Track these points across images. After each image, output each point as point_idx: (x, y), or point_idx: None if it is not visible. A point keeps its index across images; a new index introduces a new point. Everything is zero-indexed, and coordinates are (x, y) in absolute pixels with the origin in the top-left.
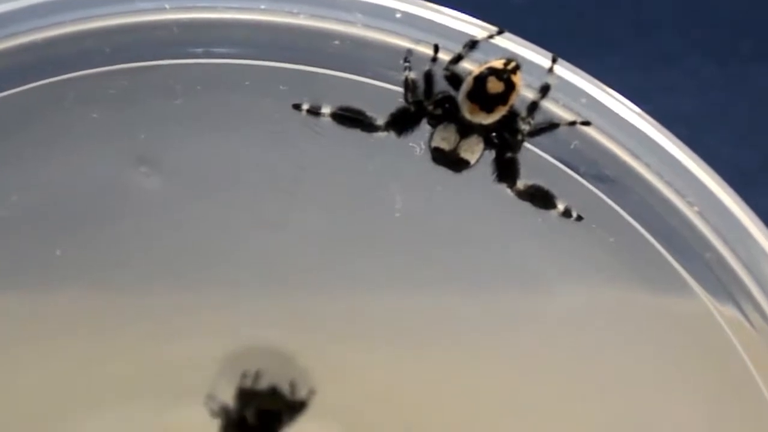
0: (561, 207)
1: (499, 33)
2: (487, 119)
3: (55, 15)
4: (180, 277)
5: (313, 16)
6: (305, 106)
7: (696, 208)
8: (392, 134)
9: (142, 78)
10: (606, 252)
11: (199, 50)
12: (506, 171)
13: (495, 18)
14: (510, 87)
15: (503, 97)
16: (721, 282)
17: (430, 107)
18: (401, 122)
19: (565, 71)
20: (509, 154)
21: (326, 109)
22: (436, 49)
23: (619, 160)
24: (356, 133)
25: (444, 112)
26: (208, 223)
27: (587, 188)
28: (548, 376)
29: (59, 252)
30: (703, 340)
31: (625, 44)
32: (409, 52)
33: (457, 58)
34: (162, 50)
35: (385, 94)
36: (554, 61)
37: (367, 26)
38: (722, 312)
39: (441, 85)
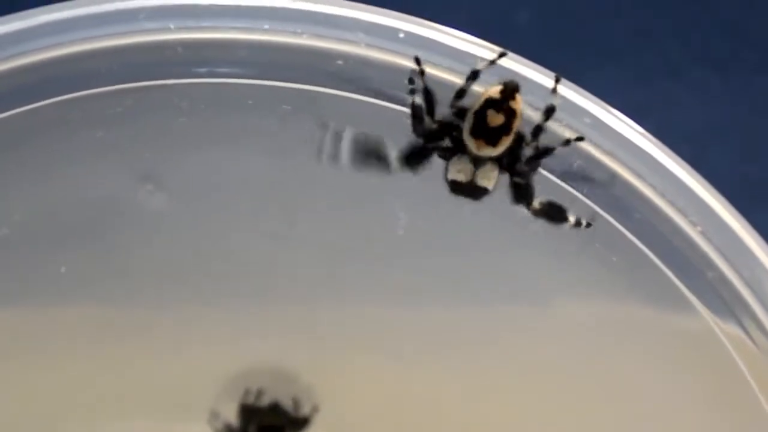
0: (572, 219)
1: (501, 56)
2: (495, 151)
3: (59, 35)
4: (183, 292)
5: (316, 35)
6: (324, 155)
7: (699, 228)
8: (395, 151)
9: (147, 97)
10: (608, 270)
11: (204, 70)
12: (521, 193)
13: (496, 34)
14: (511, 115)
15: (506, 127)
16: (723, 300)
17: (442, 143)
18: (413, 160)
19: (567, 91)
20: (519, 180)
21: (345, 154)
22: (418, 61)
23: (621, 179)
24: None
25: (455, 145)
26: (211, 240)
27: (590, 207)
28: (550, 392)
29: (63, 269)
30: (705, 358)
31: (626, 57)
32: (413, 73)
33: (461, 92)
34: (166, 70)
35: (387, 114)
36: (557, 81)
37: (369, 46)
38: (725, 330)
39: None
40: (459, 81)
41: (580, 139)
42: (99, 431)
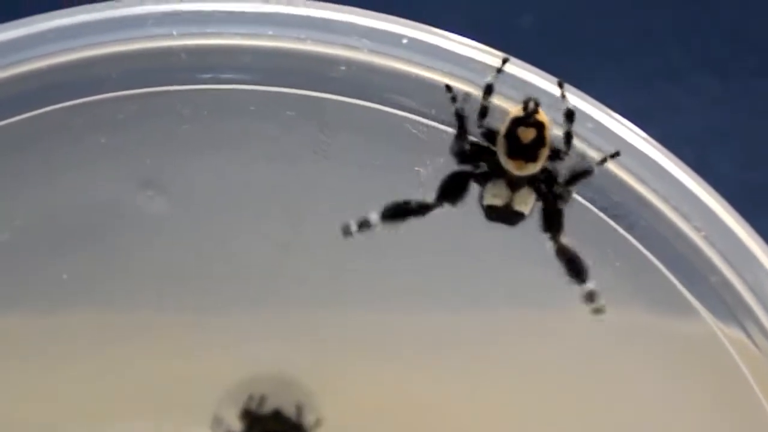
0: (589, 287)
1: (505, 62)
2: (536, 167)
3: (63, 41)
4: (185, 298)
5: (319, 41)
6: (354, 227)
7: (702, 233)
8: (398, 156)
9: (150, 103)
10: (611, 275)
11: (207, 76)
12: (552, 221)
13: (497, 37)
14: (541, 127)
15: (540, 140)
16: (726, 305)
17: (476, 168)
18: (451, 192)
19: (571, 96)
20: (559, 203)
21: (374, 217)
22: (449, 88)
23: (625, 185)
24: (360, 156)
25: (491, 169)
26: (213, 246)
27: (593, 212)
28: (552, 395)
29: (66, 276)
30: (708, 362)
31: (626, 60)
32: (448, 88)
33: (483, 110)
34: (170, 76)
35: (390, 120)
36: (561, 86)
37: (373, 51)
38: (727, 334)
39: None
40: (463, 87)
41: (616, 155)
42: None
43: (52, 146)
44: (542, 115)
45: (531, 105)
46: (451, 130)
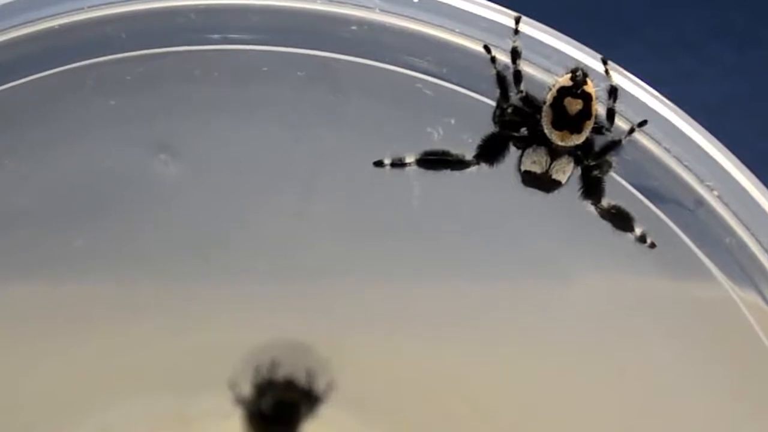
0: (638, 231)
1: (517, 21)
2: (580, 138)
3: (73, 1)
4: (198, 266)
5: (330, 1)
6: (387, 161)
7: (716, 193)
8: (409, 117)
9: (160, 64)
10: (626, 238)
11: (217, 36)
12: (592, 189)
13: (513, 5)
14: (588, 99)
15: (586, 112)
16: (741, 267)
17: (517, 132)
18: (490, 152)
19: (586, 57)
20: (596, 173)
21: (410, 159)
22: (488, 49)
23: (638, 145)
24: (373, 119)
25: (532, 136)
26: (226, 212)
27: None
28: (569, 362)
29: (79, 242)
30: (723, 325)
31: (644, 31)
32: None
33: (518, 75)
34: (179, 36)
35: (402, 80)
36: (605, 63)
37: (384, 11)
38: (743, 297)
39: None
40: (475, 47)
41: (642, 123)
42: (116, 406)
43: (62, 109)
44: (590, 87)
45: (579, 75)
46: (464, 91)
